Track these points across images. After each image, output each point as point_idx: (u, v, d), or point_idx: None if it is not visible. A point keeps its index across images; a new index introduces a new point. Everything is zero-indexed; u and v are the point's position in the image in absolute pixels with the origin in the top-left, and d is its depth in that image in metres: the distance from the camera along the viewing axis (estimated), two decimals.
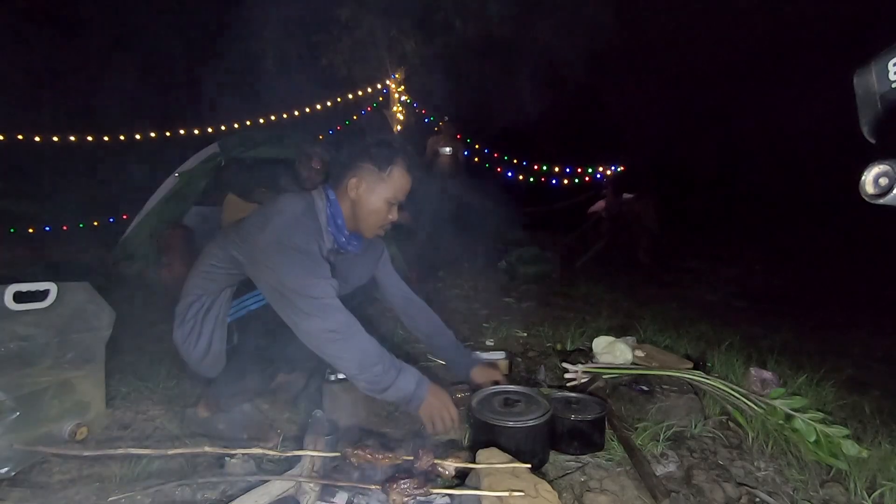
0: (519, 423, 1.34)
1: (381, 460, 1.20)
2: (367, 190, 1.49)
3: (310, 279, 1.31)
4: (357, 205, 1.51)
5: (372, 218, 1.52)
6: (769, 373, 1.91)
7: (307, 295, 1.29)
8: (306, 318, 1.28)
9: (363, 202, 1.50)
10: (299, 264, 1.32)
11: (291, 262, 1.32)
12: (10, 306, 1.30)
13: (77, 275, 1.84)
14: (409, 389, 1.36)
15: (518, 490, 1.06)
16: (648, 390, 1.85)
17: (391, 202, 1.51)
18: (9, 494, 1.18)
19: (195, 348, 1.50)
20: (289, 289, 1.29)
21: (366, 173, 1.50)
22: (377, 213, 1.51)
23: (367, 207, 1.50)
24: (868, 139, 0.61)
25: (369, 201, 1.50)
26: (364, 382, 1.33)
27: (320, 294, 1.30)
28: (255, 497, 1.10)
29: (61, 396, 1.40)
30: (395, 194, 1.51)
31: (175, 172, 4.01)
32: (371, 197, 1.50)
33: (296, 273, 1.31)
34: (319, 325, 1.28)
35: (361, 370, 1.31)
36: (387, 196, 1.50)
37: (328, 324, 1.28)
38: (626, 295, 4.05)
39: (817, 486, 1.35)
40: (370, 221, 1.52)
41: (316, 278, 1.32)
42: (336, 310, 1.30)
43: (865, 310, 4.19)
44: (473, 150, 7.75)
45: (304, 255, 1.34)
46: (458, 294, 3.88)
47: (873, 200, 0.56)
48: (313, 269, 1.33)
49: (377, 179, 1.49)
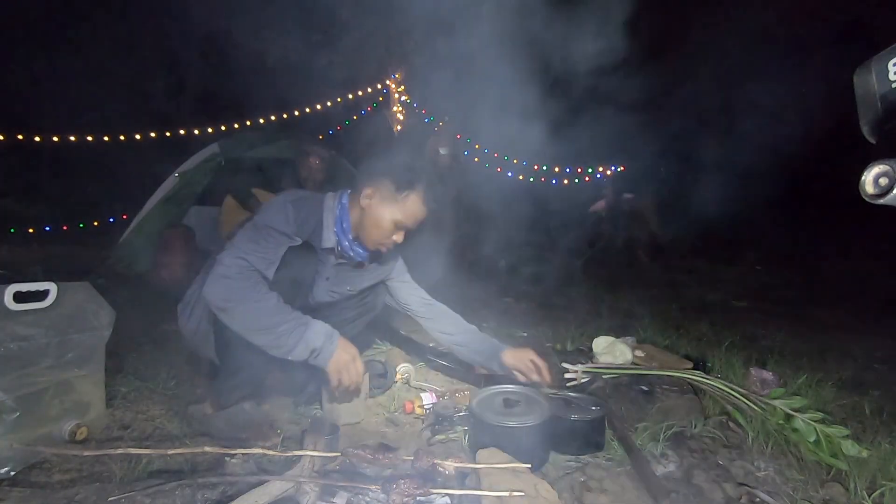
0: (519, 424, 1.34)
1: (381, 460, 1.20)
2: (377, 204, 1.50)
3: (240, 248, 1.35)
4: (365, 214, 1.52)
5: (374, 232, 1.51)
6: (769, 373, 1.91)
7: (220, 259, 1.33)
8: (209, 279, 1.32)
9: (371, 214, 1.51)
10: (244, 234, 1.39)
11: (242, 233, 1.41)
12: (10, 306, 1.30)
13: (77, 275, 1.84)
14: (318, 343, 1.33)
15: (518, 490, 1.06)
16: (648, 390, 1.85)
17: (398, 225, 1.51)
18: (9, 494, 1.18)
19: (188, 323, 1.55)
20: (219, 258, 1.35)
21: (382, 188, 1.50)
22: (381, 229, 1.51)
23: (372, 220, 1.50)
24: (868, 139, 0.61)
25: (377, 216, 1.50)
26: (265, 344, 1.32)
27: (230, 263, 1.32)
28: (255, 497, 1.09)
29: (61, 396, 1.40)
30: (403, 218, 1.50)
31: (175, 172, 4.01)
32: (379, 212, 1.50)
33: (236, 241, 1.38)
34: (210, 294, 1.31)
35: (257, 334, 1.31)
36: (395, 217, 1.50)
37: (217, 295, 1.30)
38: (626, 295, 4.05)
39: (817, 486, 1.35)
40: (372, 235, 1.52)
41: (243, 252, 1.34)
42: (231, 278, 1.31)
43: (865, 310, 4.19)
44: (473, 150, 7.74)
45: (256, 230, 1.39)
46: (459, 294, 3.88)
47: (873, 200, 0.56)
48: (248, 243, 1.36)
49: (391, 198, 1.50)
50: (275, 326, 1.30)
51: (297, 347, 1.31)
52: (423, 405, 1.72)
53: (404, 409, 1.74)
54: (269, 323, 1.30)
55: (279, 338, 1.30)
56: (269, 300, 1.31)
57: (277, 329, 1.30)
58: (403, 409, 1.74)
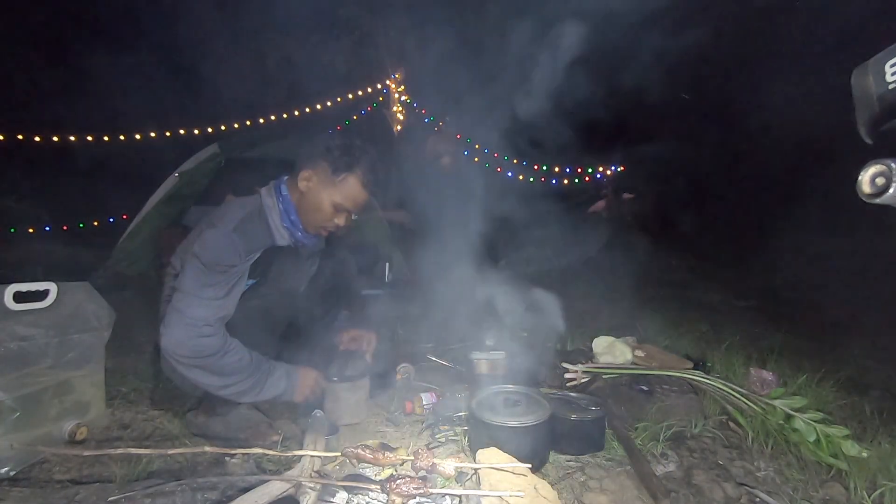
0: (519, 423, 1.34)
1: (381, 460, 1.20)
2: (315, 187, 1.49)
3: (195, 295, 1.30)
4: (304, 198, 1.50)
5: (314, 216, 1.51)
6: (769, 373, 1.91)
7: (183, 311, 1.29)
8: (168, 331, 1.28)
9: (309, 197, 1.50)
10: (195, 279, 1.32)
11: (191, 274, 1.33)
12: (10, 306, 1.30)
13: (77, 275, 1.84)
14: (280, 389, 1.46)
15: (518, 490, 1.06)
16: (648, 390, 1.85)
17: (338, 208, 1.50)
18: (9, 494, 1.18)
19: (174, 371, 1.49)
20: (174, 301, 1.31)
21: (320, 171, 1.49)
22: (320, 212, 1.50)
23: (311, 203, 1.50)
24: (865, 139, 0.61)
25: (315, 199, 1.49)
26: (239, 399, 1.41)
27: (194, 315, 1.29)
28: (255, 497, 1.09)
29: (61, 396, 1.40)
30: (343, 202, 1.50)
31: (175, 172, 4.01)
32: (318, 196, 1.49)
33: (187, 288, 1.31)
34: (175, 343, 1.28)
35: (226, 392, 1.38)
36: (334, 200, 1.49)
37: (182, 348, 1.28)
38: (626, 295, 4.05)
39: (817, 486, 1.35)
40: (312, 218, 1.51)
41: (200, 298, 1.31)
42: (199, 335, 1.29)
43: (865, 310, 4.19)
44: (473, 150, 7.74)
45: (204, 271, 1.33)
46: (458, 294, 3.87)
47: (870, 200, 0.57)
48: (203, 289, 1.31)
49: (328, 181, 1.49)
50: (237, 383, 1.38)
51: (262, 395, 1.43)
52: (423, 405, 1.72)
53: (404, 409, 1.74)
54: (230, 381, 1.37)
55: (244, 393, 1.40)
56: (231, 356, 1.35)
57: (240, 384, 1.39)
58: (403, 409, 1.74)
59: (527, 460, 1.19)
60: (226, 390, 1.37)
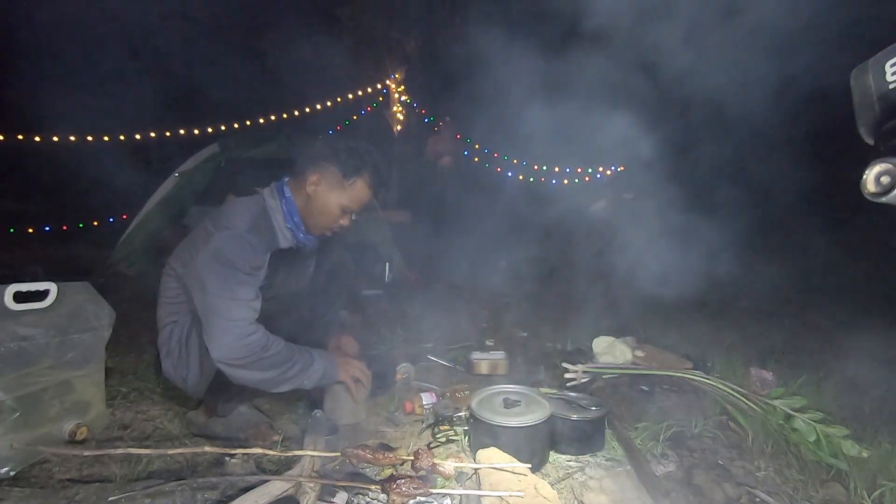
0: (519, 424, 1.34)
1: (381, 460, 1.20)
2: (325, 190, 1.50)
3: (233, 299, 1.31)
4: (311, 201, 1.50)
5: (322, 218, 1.52)
6: (769, 373, 1.91)
7: (225, 316, 1.29)
8: (217, 339, 1.28)
9: (318, 200, 1.50)
10: (225, 283, 1.31)
11: (219, 279, 1.31)
12: (10, 306, 1.30)
13: (77, 275, 1.84)
14: (319, 374, 1.45)
15: (518, 490, 1.06)
16: (648, 390, 1.85)
17: (345, 210, 1.53)
18: (9, 494, 1.18)
19: (189, 376, 1.48)
20: (210, 308, 1.30)
21: (329, 175, 1.50)
22: (329, 215, 1.52)
23: (320, 206, 1.50)
24: (865, 140, 0.61)
25: (324, 202, 1.50)
26: (284, 389, 1.40)
27: (237, 317, 1.30)
28: (255, 497, 1.09)
29: (61, 396, 1.40)
30: (350, 204, 1.52)
31: (175, 172, 4.01)
32: (327, 198, 1.50)
33: (220, 292, 1.30)
34: (228, 355, 1.28)
35: (276, 385, 1.38)
36: (342, 203, 1.51)
37: (236, 353, 1.29)
38: (626, 295, 4.04)
39: (817, 486, 1.35)
40: (319, 220, 1.52)
41: (238, 300, 1.31)
42: (247, 335, 1.30)
43: (865, 310, 4.18)
44: (473, 150, 7.74)
45: (233, 273, 1.32)
46: (458, 294, 3.88)
47: (875, 199, 0.56)
48: (237, 290, 1.32)
49: (338, 185, 1.50)
50: (283, 374, 1.37)
51: (306, 383, 1.43)
52: (423, 405, 1.72)
53: (404, 409, 1.74)
54: (278, 372, 1.37)
55: (288, 381, 1.39)
56: (274, 348, 1.35)
57: (287, 379, 1.39)
58: (403, 409, 1.74)
59: (527, 460, 1.19)
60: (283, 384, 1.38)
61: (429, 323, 2.61)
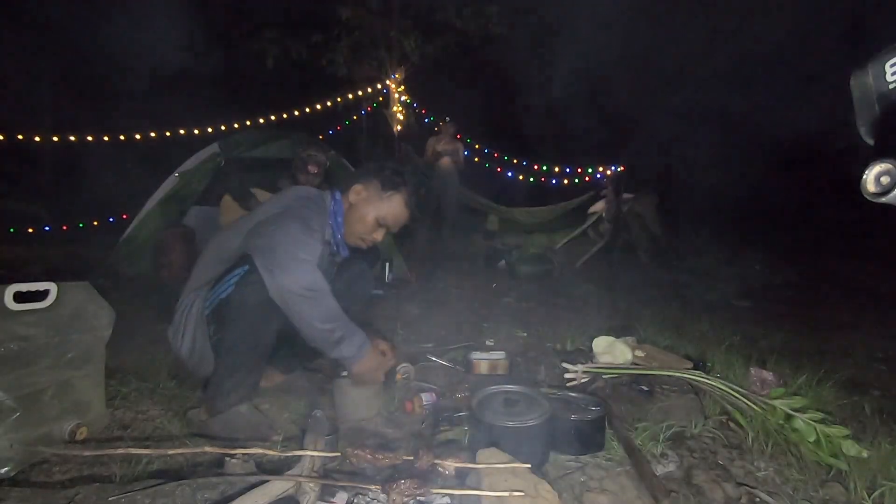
0: (519, 423, 1.34)
1: (381, 460, 1.20)
2: (365, 200, 1.67)
3: (303, 240, 1.45)
4: (353, 209, 1.68)
5: (358, 226, 1.67)
6: (769, 373, 1.91)
7: (295, 254, 1.40)
8: (286, 273, 1.36)
9: (358, 208, 1.67)
10: (298, 228, 1.46)
11: (291, 224, 1.47)
12: (10, 306, 1.30)
13: (77, 275, 1.84)
14: (354, 348, 1.47)
15: (518, 490, 1.06)
16: (648, 390, 1.85)
17: (380, 222, 1.67)
18: (9, 494, 1.18)
19: (182, 346, 1.58)
20: (280, 245, 1.41)
21: (371, 186, 1.68)
22: (365, 224, 1.67)
23: (358, 215, 1.67)
24: (865, 140, 0.61)
25: (363, 211, 1.66)
26: (319, 335, 1.43)
27: (306, 256, 1.42)
28: (255, 497, 1.09)
29: (61, 396, 1.40)
30: (385, 216, 1.67)
31: (175, 172, 4.01)
32: (366, 207, 1.66)
33: (293, 233, 1.44)
34: (297, 281, 1.37)
35: (322, 324, 1.41)
36: (378, 214, 1.66)
37: (305, 282, 1.38)
38: (626, 295, 4.05)
39: (817, 486, 1.35)
40: (356, 228, 1.68)
41: (310, 240, 1.47)
42: (315, 271, 1.42)
43: (866, 309, 4.19)
44: (473, 150, 7.75)
45: (305, 222, 1.49)
46: (459, 294, 3.88)
47: (874, 199, 0.56)
48: (309, 235, 1.48)
49: (377, 196, 1.67)
50: (333, 327, 1.42)
51: (337, 350, 1.45)
52: (423, 405, 1.72)
53: (404, 408, 1.74)
54: (331, 322, 1.42)
55: (329, 336, 1.42)
56: (333, 300, 1.43)
57: (333, 329, 1.43)
58: (403, 408, 1.74)
59: (527, 460, 1.19)
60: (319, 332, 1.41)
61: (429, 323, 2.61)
